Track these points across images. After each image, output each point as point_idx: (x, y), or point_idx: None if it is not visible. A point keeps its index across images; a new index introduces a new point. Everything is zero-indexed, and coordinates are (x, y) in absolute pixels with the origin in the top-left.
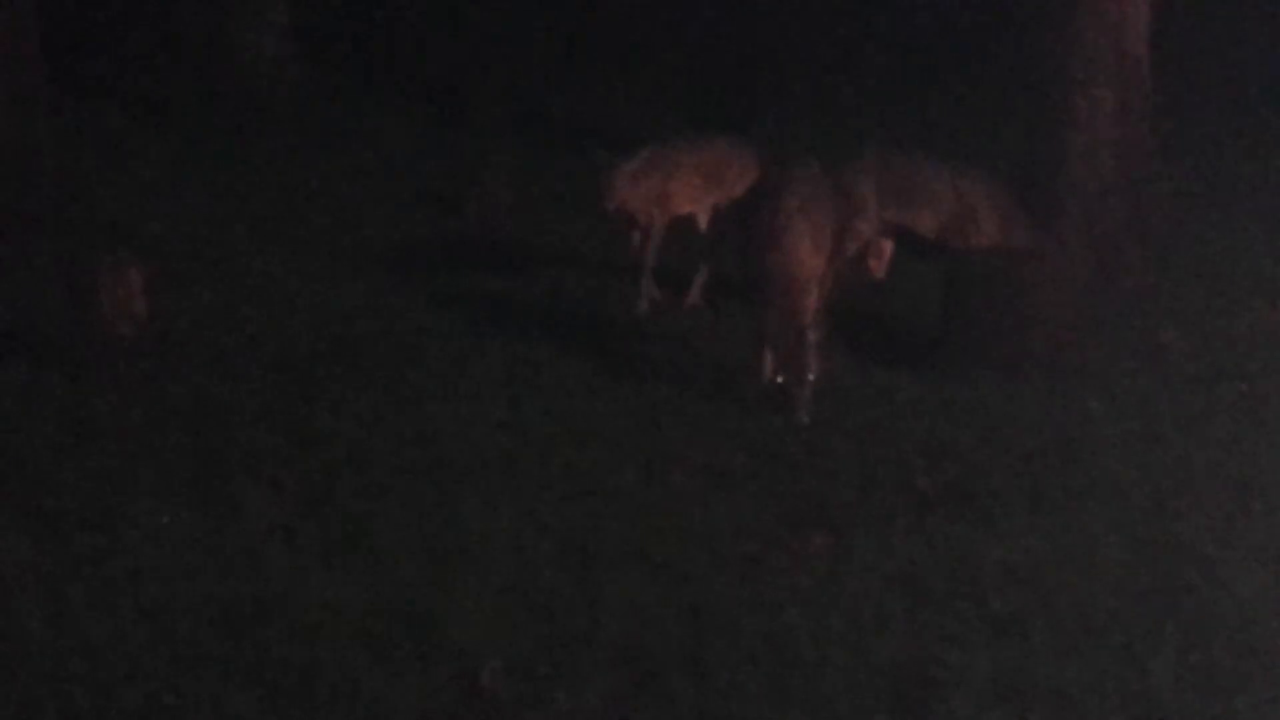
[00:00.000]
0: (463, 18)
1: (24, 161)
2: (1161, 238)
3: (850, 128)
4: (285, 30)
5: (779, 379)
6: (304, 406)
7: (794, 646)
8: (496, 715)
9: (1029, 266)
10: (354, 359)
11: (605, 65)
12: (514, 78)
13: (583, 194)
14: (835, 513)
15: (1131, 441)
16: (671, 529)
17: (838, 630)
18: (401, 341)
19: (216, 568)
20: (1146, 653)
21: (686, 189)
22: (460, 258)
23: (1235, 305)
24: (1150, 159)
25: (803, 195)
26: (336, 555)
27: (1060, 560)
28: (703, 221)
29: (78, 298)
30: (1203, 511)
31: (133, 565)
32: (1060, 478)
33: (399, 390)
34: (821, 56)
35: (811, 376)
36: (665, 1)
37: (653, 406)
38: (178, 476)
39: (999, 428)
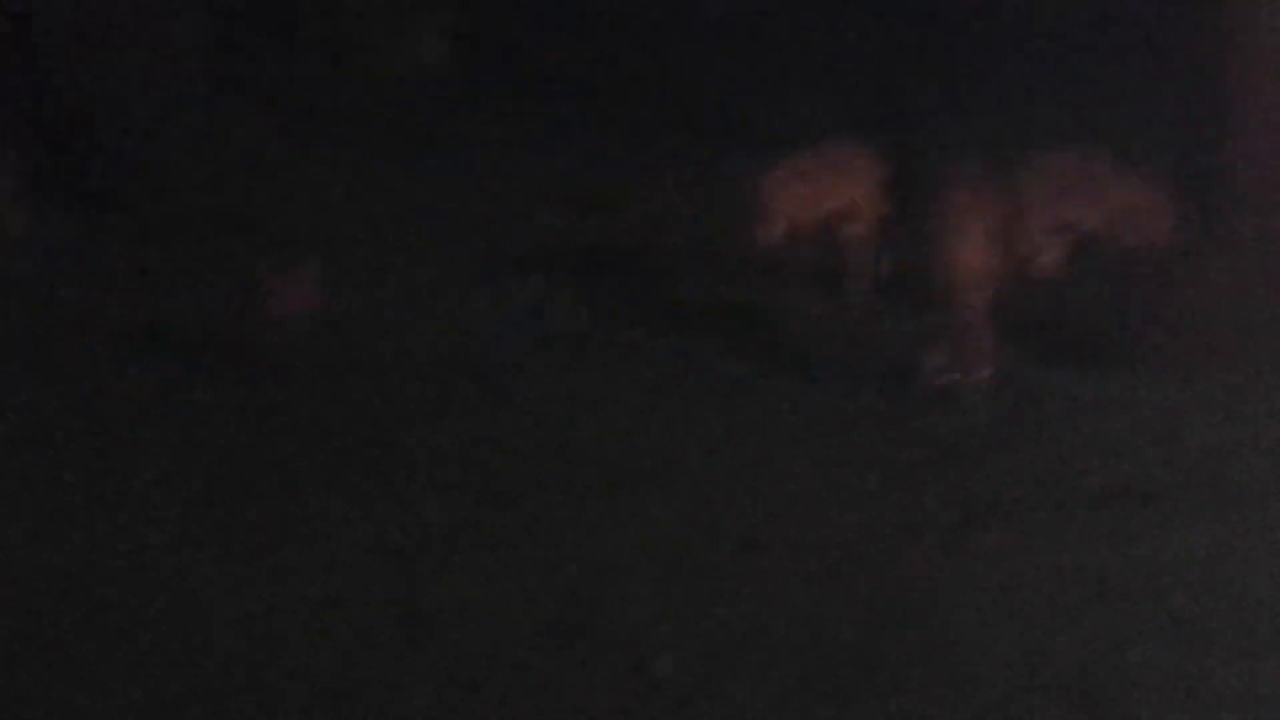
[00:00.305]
0: (628, 23)
1: (198, 166)
2: None
3: (1021, 123)
4: (448, 38)
5: (950, 377)
6: (478, 408)
7: (968, 644)
8: (668, 708)
9: (1202, 264)
10: (524, 360)
11: (770, 69)
12: (678, 80)
13: (747, 195)
14: (1009, 510)
15: None
16: (843, 525)
17: (1013, 628)
18: (570, 343)
19: (394, 564)
20: None
21: (845, 189)
22: (626, 260)
23: None
24: None
25: (971, 193)
26: (512, 552)
27: (1243, 558)
28: (863, 221)
29: (247, 299)
30: None
31: (312, 562)
32: (1241, 475)
33: (569, 390)
34: (988, 50)
35: (982, 374)
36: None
37: (823, 404)
38: (354, 477)
39: (1176, 425)
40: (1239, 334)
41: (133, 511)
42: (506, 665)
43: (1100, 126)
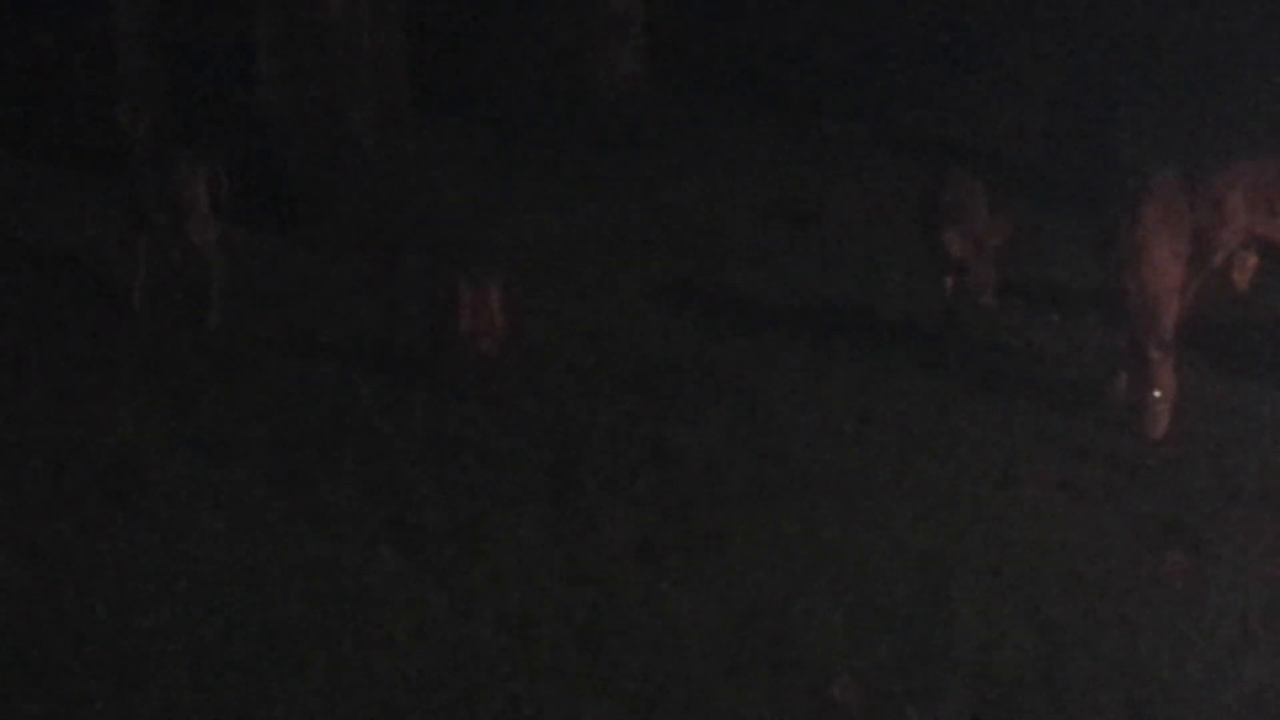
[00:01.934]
0: (821, 33)
1: (389, 179)
2: None
3: (1218, 133)
4: (642, 49)
5: (1136, 394)
6: (659, 421)
7: (1151, 667)
8: None
9: None
10: (708, 372)
11: (965, 81)
12: (869, 90)
13: (936, 207)
14: (1194, 530)
15: None
16: (1026, 544)
17: (1197, 651)
18: (754, 354)
19: (573, 579)
20: None
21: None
22: (813, 270)
23: None
24: None
25: (1164, 206)
26: (691, 568)
27: None
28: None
29: (439, 314)
30: None
31: (492, 576)
32: None
33: (752, 404)
34: (1187, 62)
35: (1167, 391)
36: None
37: (1007, 421)
38: (536, 490)
39: None
40: None
41: (320, 526)
42: (683, 682)
43: None
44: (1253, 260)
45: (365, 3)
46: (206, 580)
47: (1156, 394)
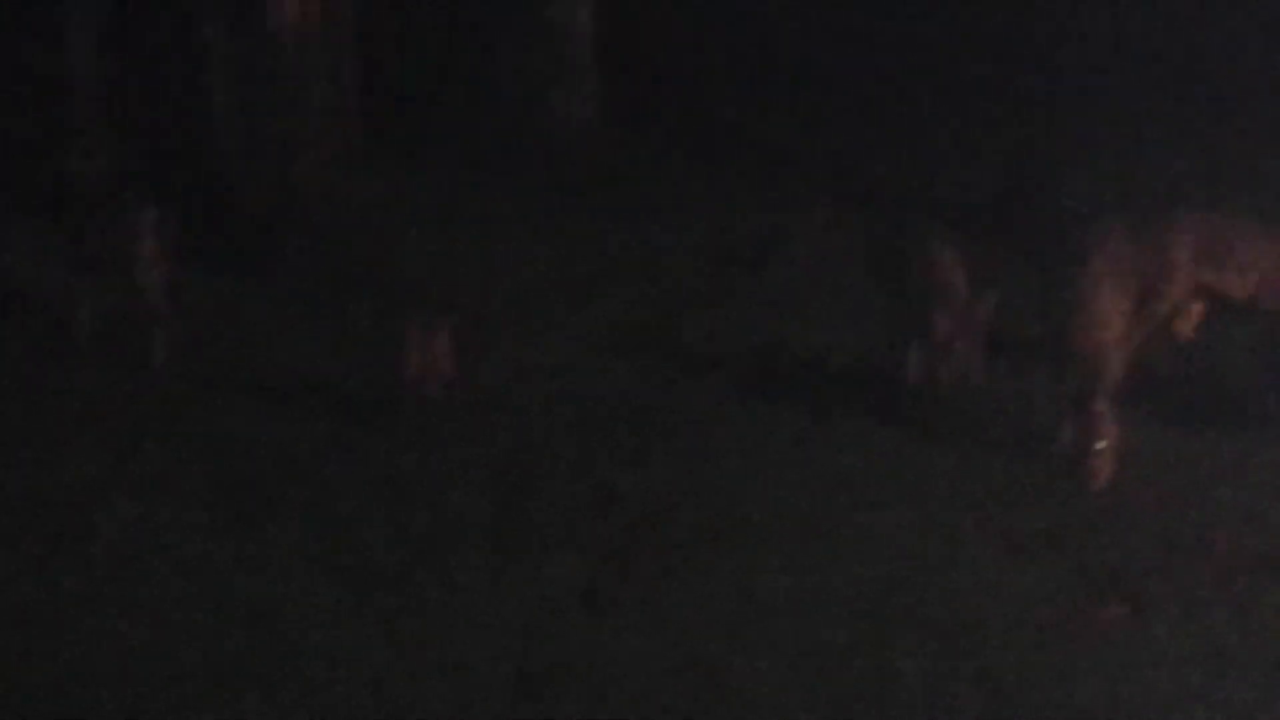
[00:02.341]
0: (774, 80)
1: (340, 222)
2: None
3: (1164, 185)
4: (597, 95)
5: (1078, 444)
6: (606, 466)
7: (1092, 717)
8: None
9: None
10: (655, 418)
11: (920, 129)
12: (824, 135)
13: (887, 253)
14: (1134, 581)
15: None
16: (967, 594)
17: (1136, 703)
18: (702, 400)
19: (516, 626)
20: None
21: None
22: (763, 316)
23: None
24: None
25: (1110, 256)
26: (632, 616)
27: None
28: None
29: (387, 356)
30: None
31: (433, 622)
32: None
33: (699, 449)
34: (1132, 111)
35: (1110, 441)
36: (978, 71)
37: (952, 470)
38: (480, 535)
39: None
40: None
41: (264, 569)
42: None
43: (1247, 187)
44: (1198, 311)
45: (318, 45)
46: (148, 622)
47: (1100, 444)
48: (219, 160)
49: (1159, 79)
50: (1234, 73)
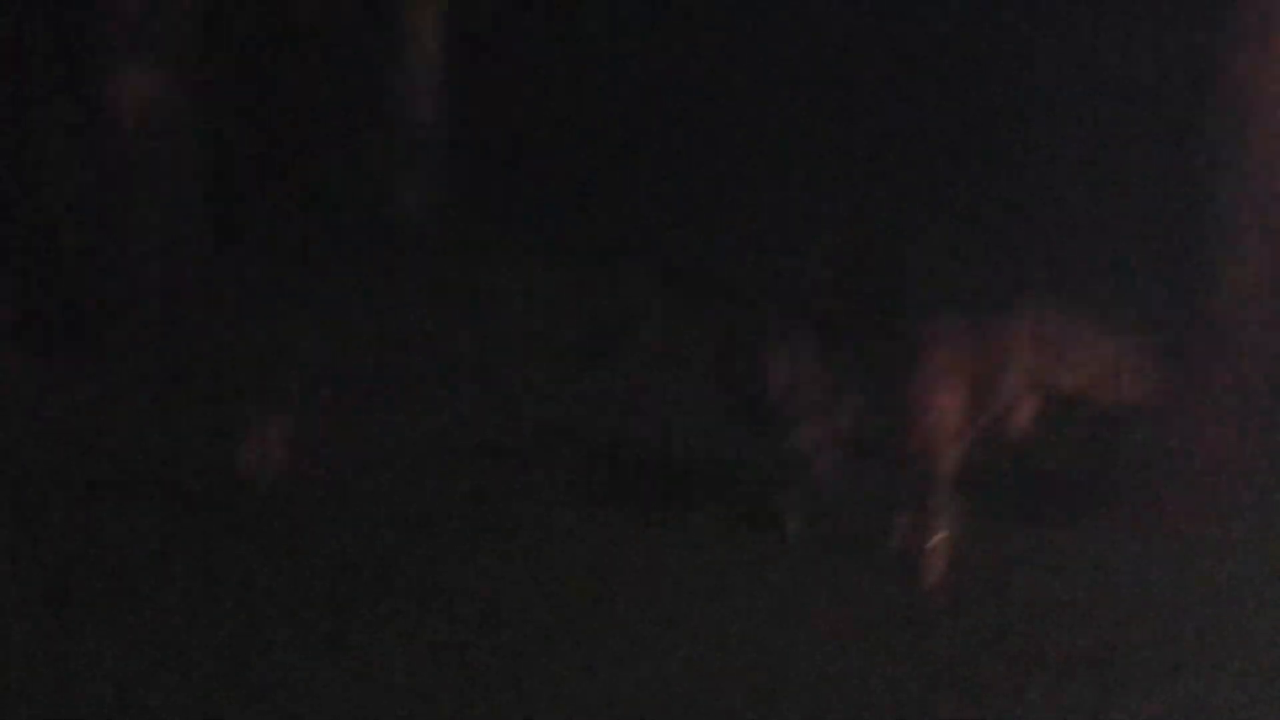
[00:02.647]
0: (614, 172)
1: (177, 308)
2: None
3: (1000, 280)
4: (441, 182)
5: (913, 538)
6: (438, 561)
7: None
8: None
9: (1174, 427)
10: (490, 513)
11: (754, 222)
12: (670, 228)
13: (726, 350)
14: (966, 675)
15: (1273, 607)
16: (801, 688)
17: None
18: (540, 494)
19: None
20: None
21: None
22: (605, 409)
23: None
24: None
25: (947, 351)
26: (468, 713)
27: None
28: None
29: (223, 446)
30: None
31: (262, 718)
32: (1201, 643)
33: (538, 544)
34: (972, 212)
35: (943, 536)
36: (818, 166)
37: (785, 563)
38: (311, 631)
39: (1138, 590)
40: (1211, 493)
41: (90, 666)
42: None
43: (1082, 282)
44: (1033, 403)
45: (158, 128)
46: None
47: (936, 537)
48: (56, 243)
49: (996, 177)
50: (1072, 169)
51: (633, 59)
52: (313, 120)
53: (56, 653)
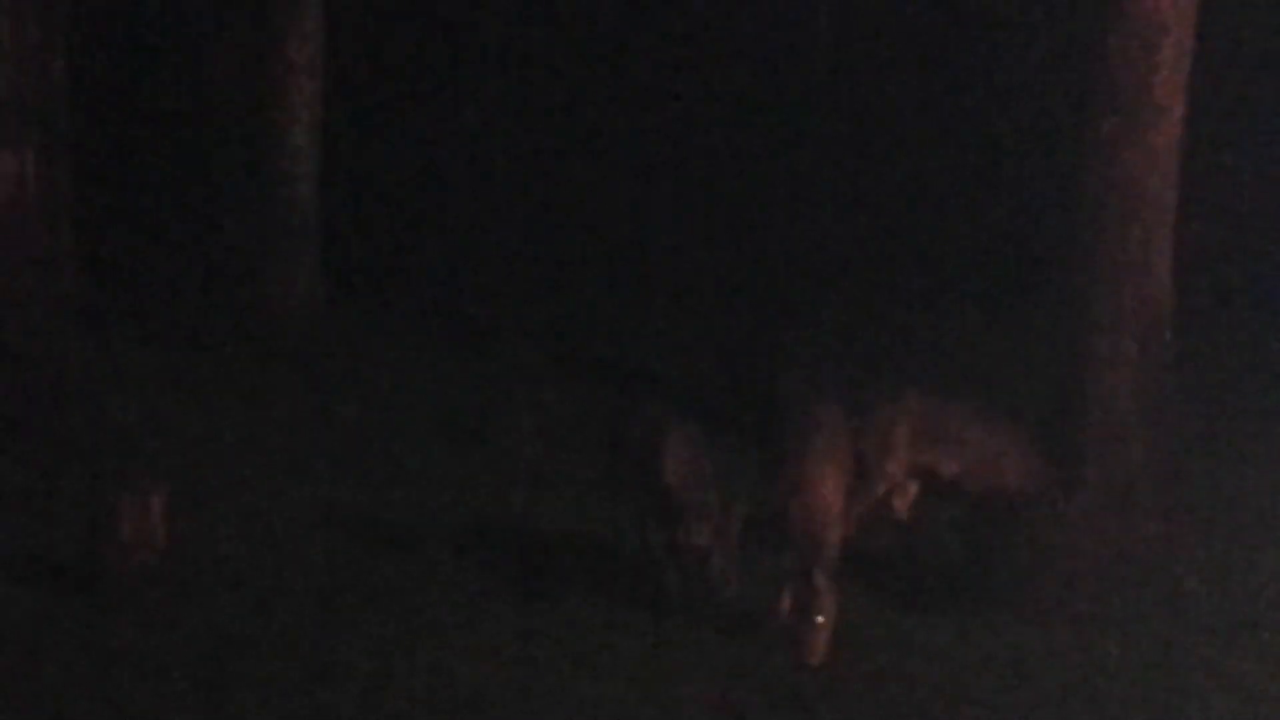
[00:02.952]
0: (489, 255)
1: (52, 385)
2: (1184, 484)
3: (879, 370)
4: (316, 267)
5: (798, 617)
6: (321, 637)
7: None
8: None
9: (1049, 512)
10: (372, 590)
11: (631, 303)
12: (543, 313)
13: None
14: None
15: (1153, 690)
16: None
17: None
18: (421, 572)
19: None
20: None
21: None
22: (482, 489)
23: (1257, 554)
24: (1169, 405)
25: (829, 436)
26: None
27: None
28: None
29: (98, 523)
30: None
31: None
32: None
33: (416, 622)
34: (849, 300)
35: (825, 618)
36: (695, 250)
37: (668, 643)
38: (193, 708)
39: (1017, 672)
40: (1081, 583)
41: None
42: None
43: (958, 373)
44: (914, 489)
45: (32, 207)
46: None
47: (819, 619)
48: None
49: (879, 263)
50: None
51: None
52: (192, 196)
53: None
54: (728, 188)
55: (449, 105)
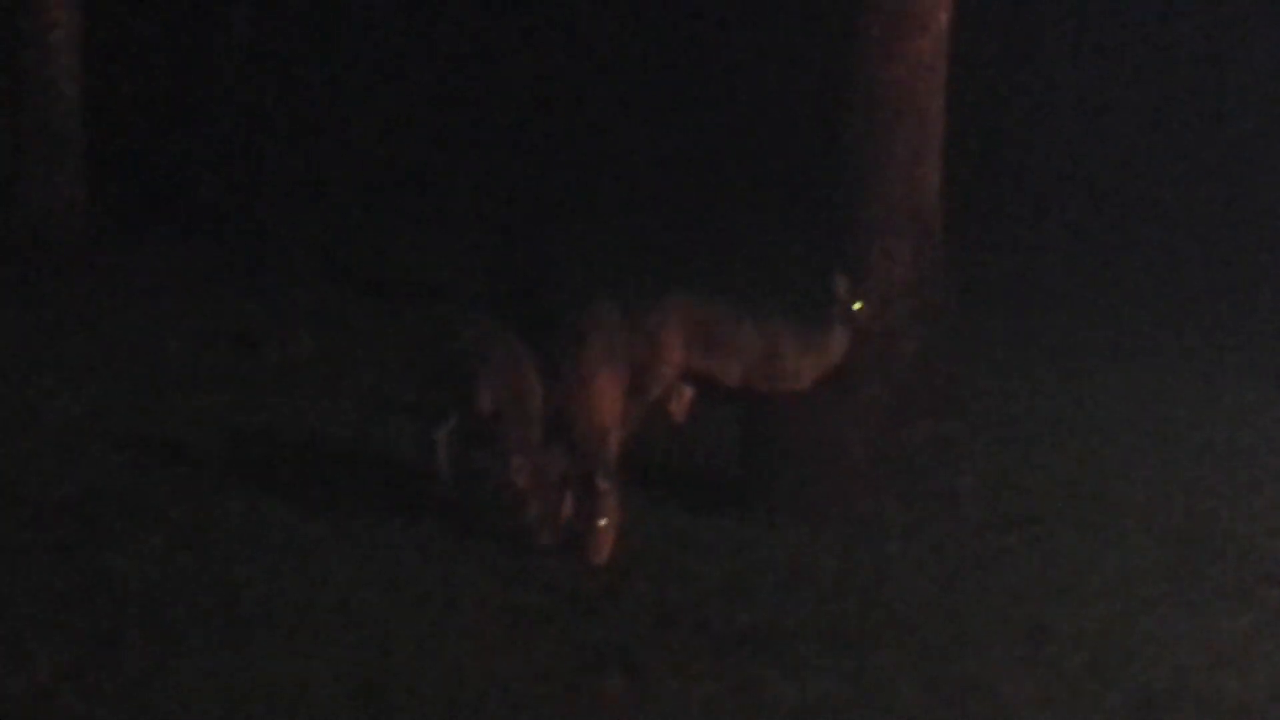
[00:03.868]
0: (265, 162)
1: None
2: (956, 385)
3: (652, 272)
4: (80, 171)
5: (580, 521)
6: (96, 549)
7: None
8: None
9: (824, 411)
10: (148, 499)
11: (409, 213)
12: (316, 222)
13: (383, 339)
14: (633, 655)
15: (927, 585)
16: (468, 672)
17: None
18: (197, 482)
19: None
20: None
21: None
22: (258, 400)
23: (1028, 453)
24: (945, 306)
25: (605, 340)
26: (126, 700)
27: (858, 701)
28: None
29: None
30: (997, 653)
31: None
32: (857, 620)
33: (193, 532)
34: (626, 198)
35: (608, 519)
36: (468, 152)
37: (449, 550)
38: None
39: (796, 571)
40: (856, 482)
41: None
42: None
43: (732, 275)
44: (689, 393)
45: None
46: None
47: (601, 521)
48: None
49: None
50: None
51: None
52: None
53: None
54: (507, 92)
55: (219, 17)
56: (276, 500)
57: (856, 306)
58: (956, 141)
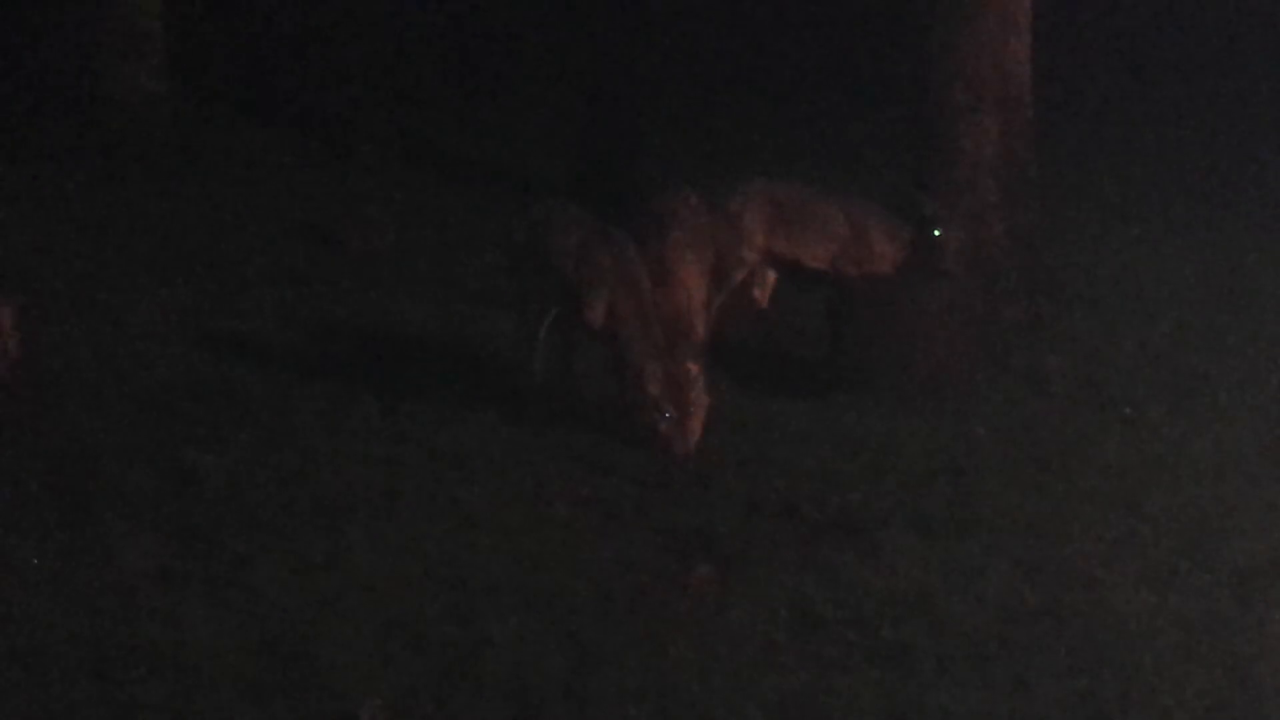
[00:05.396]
0: (344, 52)
1: None
2: (1045, 263)
3: (736, 157)
4: (162, 66)
5: (661, 412)
6: (181, 444)
7: (679, 679)
8: None
9: (914, 294)
10: (231, 395)
11: (490, 102)
12: (397, 112)
13: (466, 230)
14: (721, 544)
15: (1017, 468)
16: (555, 562)
17: (724, 662)
18: (280, 377)
19: (89, 610)
20: (1033, 678)
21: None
22: (341, 292)
23: (1118, 330)
24: (1034, 185)
25: (688, 226)
26: (213, 595)
27: (947, 587)
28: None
29: None
30: (1089, 536)
31: (4, 606)
32: (947, 505)
33: (277, 427)
34: (705, 87)
35: (696, 406)
36: (550, 42)
37: (537, 440)
38: (50, 518)
39: (886, 456)
40: (946, 364)
41: None
42: (205, 712)
43: (819, 159)
44: (772, 278)
45: None
46: None
47: (685, 411)
48: None
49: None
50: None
51: None
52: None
53: None
54: None
55: None
56: (360, 395)
57: (936, 233)
58: (1045, 13)
